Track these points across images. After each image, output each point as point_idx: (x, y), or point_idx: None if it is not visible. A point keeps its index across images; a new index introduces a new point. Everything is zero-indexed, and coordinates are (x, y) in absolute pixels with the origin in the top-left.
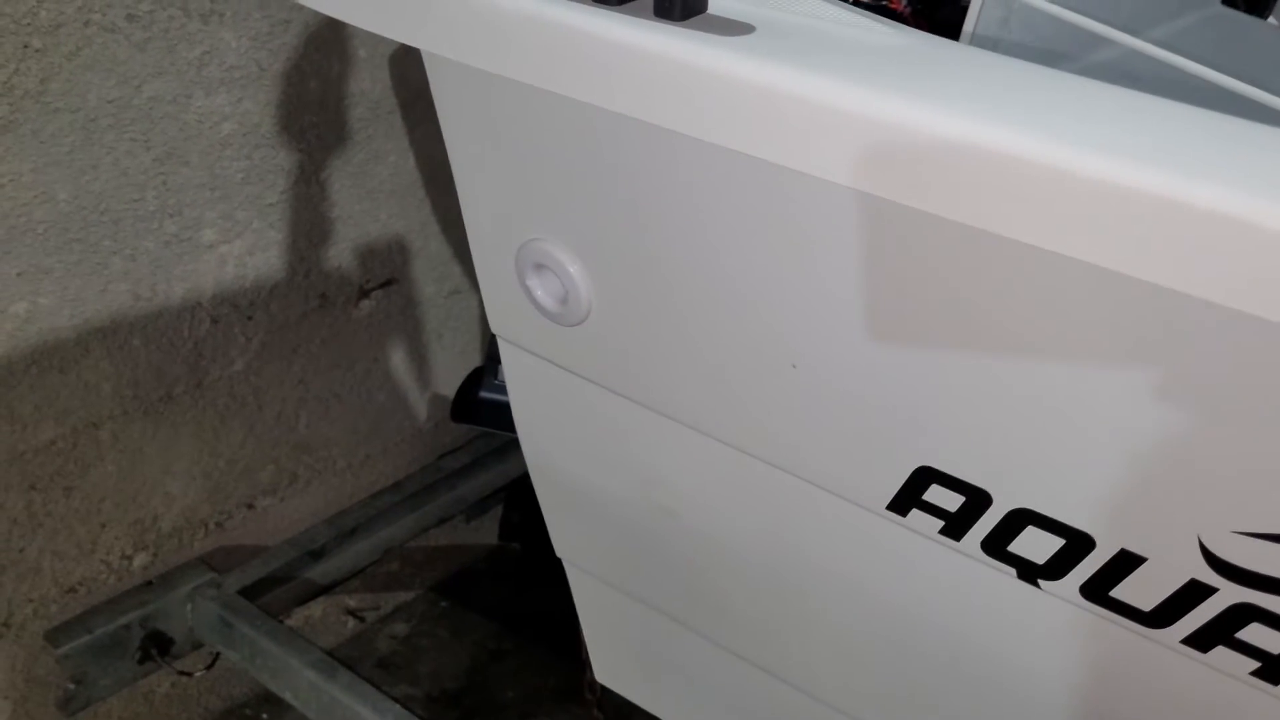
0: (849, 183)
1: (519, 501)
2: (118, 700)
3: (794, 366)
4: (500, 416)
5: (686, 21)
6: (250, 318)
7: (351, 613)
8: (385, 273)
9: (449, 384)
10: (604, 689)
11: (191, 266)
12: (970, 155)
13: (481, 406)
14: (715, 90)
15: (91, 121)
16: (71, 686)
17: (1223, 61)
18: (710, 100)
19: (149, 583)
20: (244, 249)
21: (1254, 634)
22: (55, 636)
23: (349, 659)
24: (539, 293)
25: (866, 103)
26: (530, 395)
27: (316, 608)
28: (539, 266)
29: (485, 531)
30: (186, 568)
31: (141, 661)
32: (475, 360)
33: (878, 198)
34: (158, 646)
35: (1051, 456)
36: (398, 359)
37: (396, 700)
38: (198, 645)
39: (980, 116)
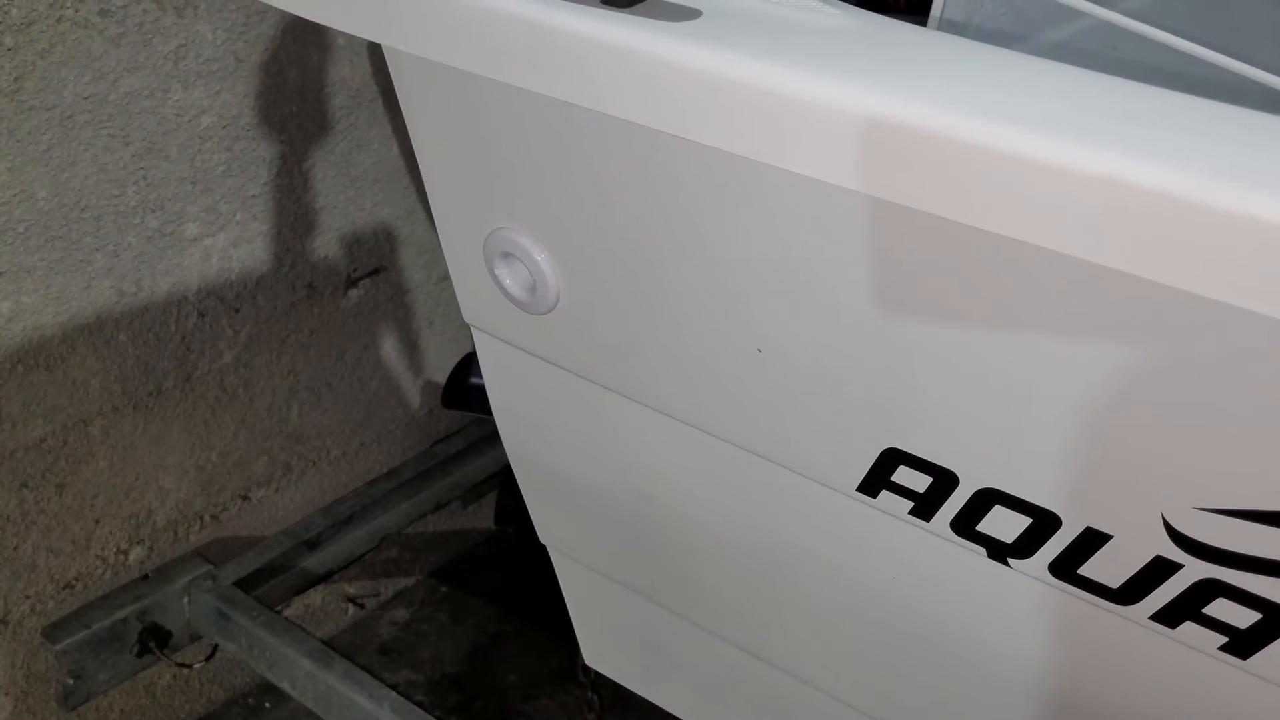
0: (796, 169)
1: (513, 486)
2: (119, 693)
3: (759, 351)
4: None
5: (633, 8)
6: (237, 310)
7: (351, 600)
8: (372, 261)
9: (440, 370)
10: (599, 671)
11: (176, 261)
12: (914, 139)
13: (473, 392)
14: (660, 77)
15: (68, 118)
16: (71, 681)
17: (1205, 33)
18: (656, 87)
19: (145, 576)
20: (228, 241)
21: (1220, 609)
22: (53, 632)
23: (350, 646)
24: (508, 281)
25: (810, 88)
26: (505, 383)
27: (316, 596)
28: (506, 255)
29: (482, 516)
30: (182, 561)
31: (140, 655)
32: (466, 346)
33: (831, 184)
34: (156, 639)
35: (1015, 436)
36: (388, 347)
37: (397, 686)
38: (196, 637)
39: (923, 99)
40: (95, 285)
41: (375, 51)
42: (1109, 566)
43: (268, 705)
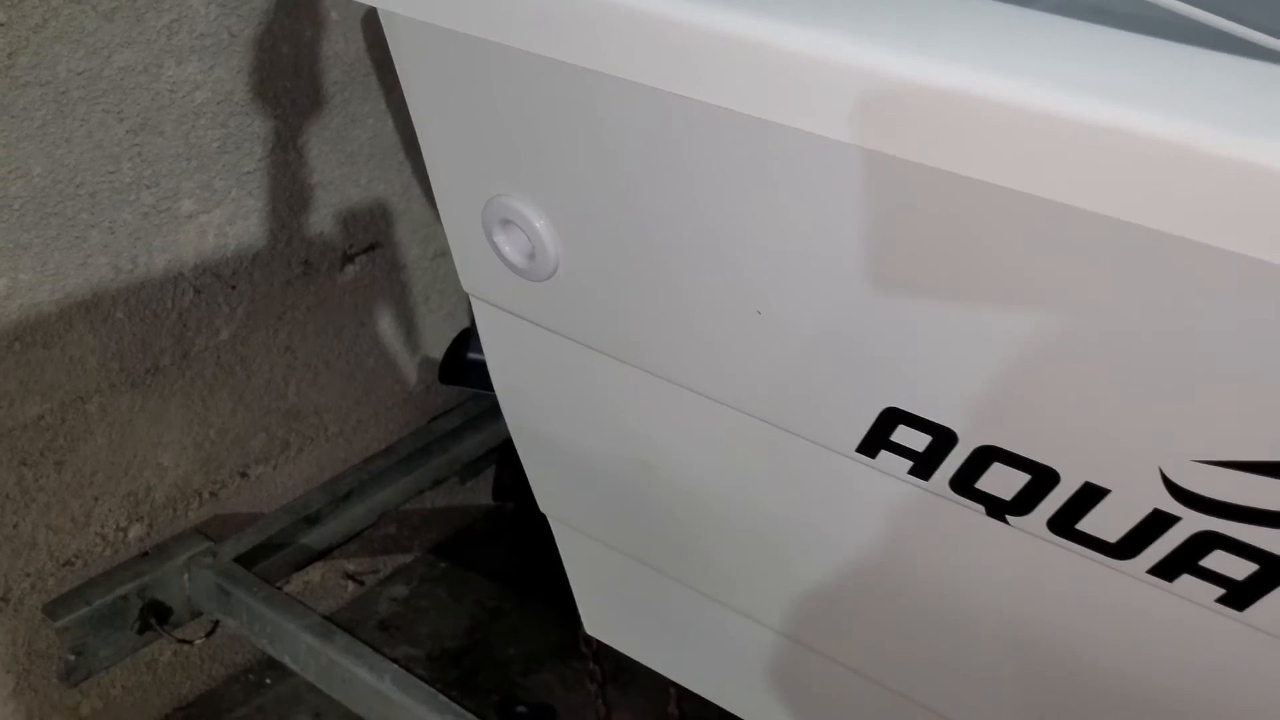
0: (799, 126)
1: (511, 461)
2: (121, 670)
3: (759, 313)
4: (489, 377)
5: None
6: (234, 287)
7: (350, 576)
8: (368, 237)
9: (437, 346)
10: (600, 642)
11: (172, 237)
12: (923, 94)
13: (470, 368)
14: (662, 35)
15: (62, 94)
16: (72, 658)
17: None
18: (658, 46)
19: (145, 554)
20: (224, 218)
21: (1218, 561)
22: (54, 609)
23: (349, 622)
24: (506, 249)
25: (818, 44)
26: (505, 352)
27: (315, 573)
28: (505, 222)
29: (481, 492)
30: (182, 537)
31: (141, 631)
32: (463, 322)
33: (835, 140)
34: (156, 616)
35: (1013, 393)
36: (385, 323)
37: (396, 661)
38: (196, 614)
39: (939, 56)
40: (91, 262)
41: (369, 26)
42: (1107, 521)
43: (269, 681)
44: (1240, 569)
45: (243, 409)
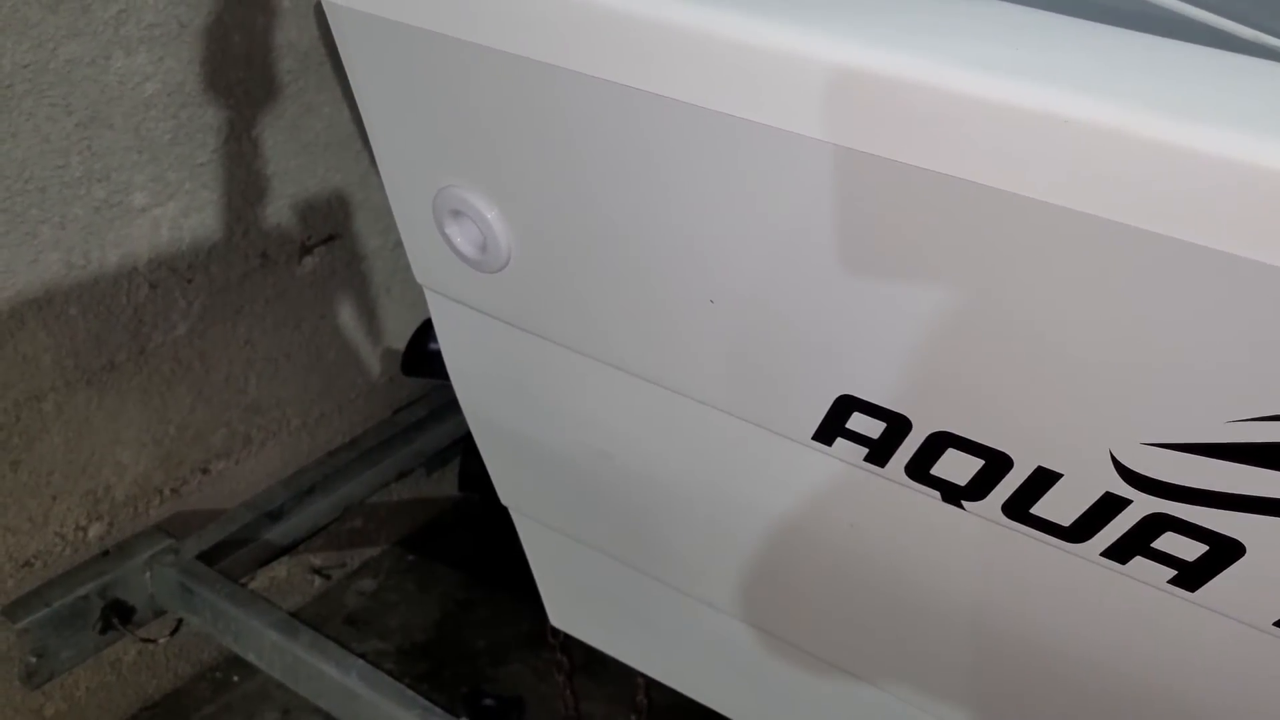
0: (753, 117)
1: (477, 451)
2: (85, 671)
3: (712, 302)
4: None
5: None
6: (190, 280)
7: (317, 571)
8: (327, 228)
9: (400, 337)
10: (569, 633)
11: (124, 231)
12: (869, 83)
13: (433, 358)
14: (614, 28)
15: (7, 88)
16: (33, 660)
17: None
18: (609, 39)
19: (106, 552)
20: (178, 211)
21: (1168, 543)
22: (13, 611)
23: (317, 617)
24: (458, 240)
25: (769, 35)
26: (460, 344)
27: (281, 569)
28: (456, 213)
29: (447, 484)
30: (143, 535)
31: (103, 631)
32: (425, 312)
33: (787, 131)
34: (119, 615)
35: (964, 379)
36: (346, 315)
37: (365, 656)
38: (160, 612)
39: (887, 46)
40: (43, 258)
41: (322, 14)
42: (1060, 505)
43: (236, 679)
44: (1191, 550)
45: (202, 404)
